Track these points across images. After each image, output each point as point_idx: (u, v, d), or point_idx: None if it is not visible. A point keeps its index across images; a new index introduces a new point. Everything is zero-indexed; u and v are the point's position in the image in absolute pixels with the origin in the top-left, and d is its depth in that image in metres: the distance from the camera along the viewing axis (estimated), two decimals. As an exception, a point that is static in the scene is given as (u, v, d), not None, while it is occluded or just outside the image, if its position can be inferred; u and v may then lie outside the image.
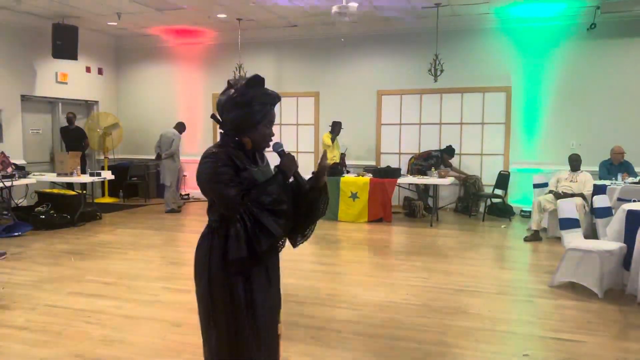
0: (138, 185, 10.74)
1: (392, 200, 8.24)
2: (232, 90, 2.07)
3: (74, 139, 9.58)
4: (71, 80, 10.13)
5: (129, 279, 5.10)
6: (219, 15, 8.98)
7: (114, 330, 3.77)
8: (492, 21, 8.84)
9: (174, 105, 11.00)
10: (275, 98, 2.11)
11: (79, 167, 8.29)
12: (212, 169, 1.98)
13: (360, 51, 9.75)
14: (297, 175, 2.13)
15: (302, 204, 2.17)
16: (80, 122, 10.17)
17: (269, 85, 2.15)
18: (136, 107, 11.29)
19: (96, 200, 10.25)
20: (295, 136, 10.21)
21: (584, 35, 8.40)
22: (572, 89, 8.63)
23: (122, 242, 6.80)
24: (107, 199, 10.53)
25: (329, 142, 8.77)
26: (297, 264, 5.82)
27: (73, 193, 8.25)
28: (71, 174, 8.09)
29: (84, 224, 7.93)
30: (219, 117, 2.12)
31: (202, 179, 2.01)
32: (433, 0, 7.93)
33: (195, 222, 8.51)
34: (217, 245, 2.03)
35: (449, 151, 8.86)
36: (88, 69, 10.56)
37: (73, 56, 9.24)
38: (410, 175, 8.72)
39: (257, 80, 2.09)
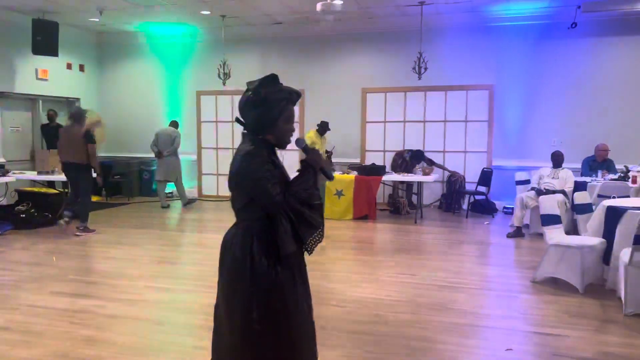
0: (121, 183, 10.62)
1: (377, 198, 8.28)
2: (249, 92, 2.13)
3: (55, 136, 9.44)
4: (52, 77, 9.97)
5: (112, 278, 5.05)
6: (203, 12, 8.91)
7: (97, 329, 3.73)
8: (475, 19, 8.90)
9: (157, 102, 10.90)
10: (291, 94, 2.13)
11: (60, 165, 8.17)
12: (255, 166, 2.01)
13: (345, 49, 9.75)
14: (324, 170, 2.17)
15: None
16: (61, 120, 10.02)
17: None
18: (119, 104, 11.16)
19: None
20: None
21: (566, 34, 8.51)
22: (554, 87, 8.75)
23: (105, 241, 6.72)
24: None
25: (314, 138, 8.71)
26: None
27: (54, 191, 8.14)
28: (52, 172, 7.97)
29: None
30: (242, 119, 2.18)
31: (245, 176, 2.03)
32: (417, -2, 7.97)
33: (178, 221, 8.46)
34: (258, 246, 2.05)
35: (416, 157, 8.86)
36: (69, 66, 10.40)
37: (53, 52, 9.10)
38: (394, 172, 8.77)
39: (271, 79, 2.14)
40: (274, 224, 2.03)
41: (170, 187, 9.93)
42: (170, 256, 6.12)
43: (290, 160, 7.83)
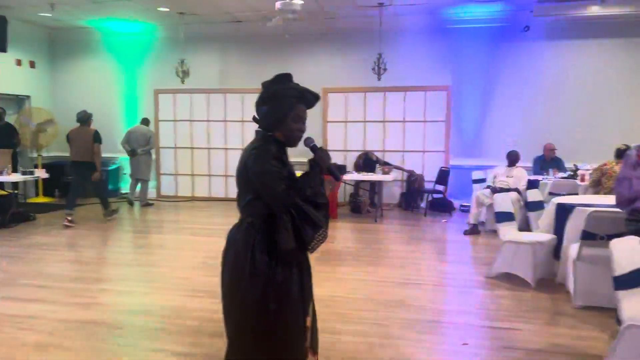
0: (75, 184, 10.28)
1: (337, 197, 8.33)
2: (262, 90, 2.17)
3: (3, 135, 9.04)
4: (0, 73, 9.57)
5: (65, 281, 4.89)
6: (161, 9, 8.75)
7: (49, 335, 3.62)
8: (433, 21, 9.09)
9: (113, 101, 10.63)
10: (304, 93, 2.13)
11: (9, 166, 7.88)
12: (261, 161, 2.02)
13: (306, 48, 9.77)
14: (332, 169, 2.15)
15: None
16: (10, 118, 9.62)
17: (212, 81, 2.15)
18: (73, 102, 10.80)
19: (30, 201, 9.77)
20: (241, 133, 10.10)
21: (519, 37, 8.79)
22: (509, 88, 9.03)
23: (58, 244, 6.51)
24: (42, 199, 10.04)
25: None
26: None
27: (4, 193, 7.82)
28: (1, 173, 7.66)
29: (16, 225, 7.52)
30: (257, 118, 2.19)
31: (251, 171, 2.05)
32: (376, 0, 8.06)
33: (135, 222, 8.27)
34: (260, 243, 2.06)
35: (368, 165, 9.00)
36: (18, 62, 10.01)
37: (2, 48, 8.73)
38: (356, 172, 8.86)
39: (284, 76, 2.17)
40: (270, 221, 2.06)
41: (123, 186, 9.73)
42: (127, 258, 5.99)
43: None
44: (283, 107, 2.10)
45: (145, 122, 9.53)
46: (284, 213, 2.02)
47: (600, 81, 8.70)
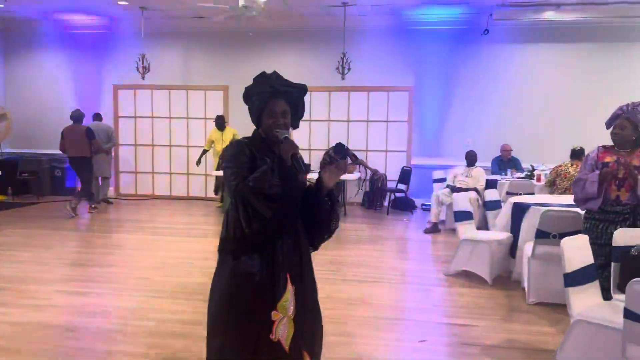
0: (29, 181, 9.94)
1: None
2: None
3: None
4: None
5: (18, 282, 4.72)
6: (120, 2, 8.53)
7: (0, 338, 3.49)
8: (396, 22, 9.19)
9: (71, 96, 10.30)
10: (275, 87, 2.14)
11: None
12: (228, 155, 2.11)
13: (270, 46, 9.72)
14: (295, 160, 2.04)
15: (311, 208, 2.17)
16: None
17: (174, 77, 2.12)
18: (27, 97, 10.44)
19: (-20, 198, 9.40)
20: (204, 131, 9.97)
21: (479, 40, 8.99)
22: (468, 89, 9.21)
23: (11, 243, 6.27)
24: (-6, 197, 9.67)
25: (214, 136, 8.75)
26: (206, 262, 5.71)
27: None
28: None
29: (-35, 224, 7.22)
30: None
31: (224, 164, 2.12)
32: (340, -1, 8.09)
33: (92, 221, 8.05)
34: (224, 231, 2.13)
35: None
36: (-31, 54, 9.60)
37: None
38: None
39: (259, 75, 2.20)
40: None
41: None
42: (83, 258, 5.82)
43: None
44: (256, 104, 2.15)
45: (98, 117, 9.26)
46: (237, 204, 2.03)
47: (555, 84, 8.99)
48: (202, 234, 7.02)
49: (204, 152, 8.82)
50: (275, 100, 2.14)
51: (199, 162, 8.74)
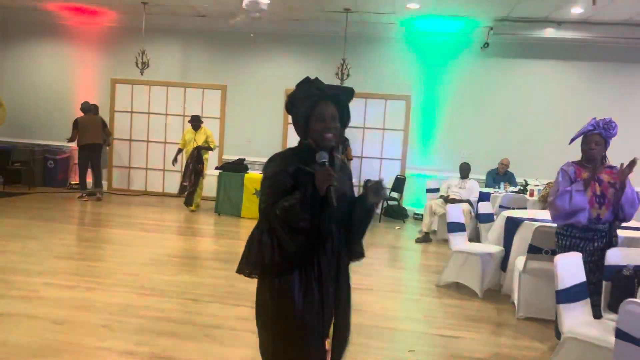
0: (21, 171, 9.86)
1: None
2: None
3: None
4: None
5: (5, 273, 4.67)
6: (123, -3, 8.51)
7: (-16, 329, 3.44)
8: (397, 31, 9.23)
9: (67, 87, 10.24)
10: (322, 90, 2.02)
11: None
12: (270, 171, 2.00)
13: (270, 48, 9.72)
14: (329, 193, 1.89)
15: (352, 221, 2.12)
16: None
17: (172, 74, 2.09)
18: (24, 86, 10.37)
19: (-30, 186, 9.32)
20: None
21: (478, 53, 9.05)
22: (466, 101, 9.27)
23: (1, 234, 6.20)
24: (-16, 185, 9.58)
25: (188, 135, 8.57)
26: (195, 260, 5.69)
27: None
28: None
29: (-47, 211, 7.14)
30: None
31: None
32: (343, 5, 8.12)
33: (84, 214, 8.00)
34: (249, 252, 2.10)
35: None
36: (-34, 40, 9.51)
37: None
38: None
39: (303, 81, 2.08)
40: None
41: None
42: (72, 251, 5.77)
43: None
44: (303, 109, 2.01)
45: (96, 109, 9.18)
46: (264, 229, 1.97)
47: (552, 101, 9.06)
48: (192, 233, 6.99)
49: (179, 151, 8.64)
50: (324, 104, 2.02)
51: (175, 161, 8.56)
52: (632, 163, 3.44)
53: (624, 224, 3.70)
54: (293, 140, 8.93)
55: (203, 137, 8.45)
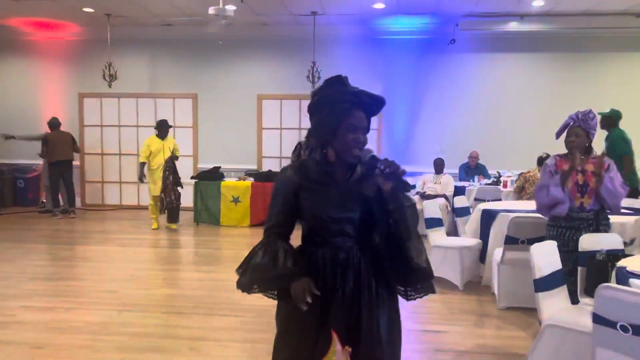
0: (-10, 192, 9.60)
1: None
2: (314, 98, 1.87)
3: None
4: None
5: (-21, 299, 4.54)
6: (86, 9, 8.37)
7: (-40, 358, 3.34)
8: (365, 32, 9.29)
9: (34, 103, 10.01)
10: (359, 96, 1.80)
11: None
12: (276, 188, 1.90)
13: (240, 54, 9.69)
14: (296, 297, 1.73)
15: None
16: None
17: (141, 85, 2.04)
18: (-13, 105, 10.10)
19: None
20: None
21: (446, 49, 9.17)
22: (436, 97, 9.38)
23: (-29, 258, 6.04)
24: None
25: (155, 145, 7.64)
26: (176, 273, 5.63)
27: None
28: None
29: None
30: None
31: None
32: (310, 8, 8.14)
33: (58, 233, 7.82)
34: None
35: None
36: None
37: None
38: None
39: (334, 80, 1.85)
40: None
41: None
42: (48, 272, 5.64)
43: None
44: (333, 116, 1.77)
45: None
46: (261, 248, 1.89)
47: (520, 93, 9.23)
48: (171, 245, 6.91)
49: (143, 165, 7.65)
50: (357, 113, 1.80)
51: (142, 177, 7.69)
52: (603, 153, 3.59)
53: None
54: (268, 146, 8.94)
55: (172, 145, 7.76)
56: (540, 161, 6.17)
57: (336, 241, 1.84)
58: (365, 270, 1.85)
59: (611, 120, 6.33)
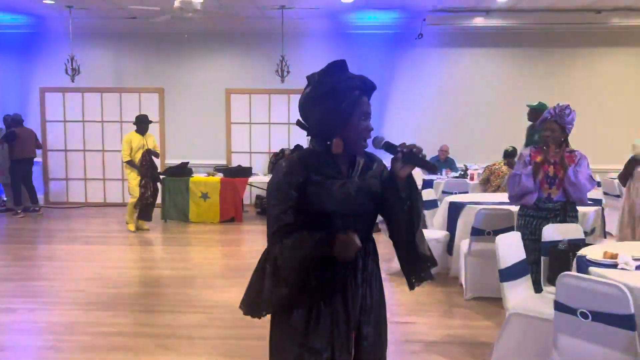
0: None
1: (244, 199, 8.24)
2: (310, 87, 1.72)
3: None
4: None
5: (-64, 301, 4.38)
6: (46, 1, 8.10)
7: None
8: (333, 26, 9.30)
9: (-8, 99, 9.67)
10: (365, 82, 1.72)
11: None
12: (274, 183, 1.67)
13: (208, 48, 9.56)
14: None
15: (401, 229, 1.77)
16: None
17: (106, 80, 1.97)
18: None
19: None
20: (139, 135, 9.66)
21: (413, 44, 9.25)
22: (404, 92, 9.46)
23: None
24: None
25: (135, 142, 7.19)
26: (144, 270, 5.54)
27: None
28: None
29: None
30: (304, 123, 1.75)
31: (267, 192, 1.73)
32: (278, 2, 8.09)
33: (20, 232, 7.59)
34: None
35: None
36: None
37: None
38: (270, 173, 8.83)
39: (337, 65, 1.73)
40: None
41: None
42: (10, 272, 5.47)
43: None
44: (345, 103, 1.66)
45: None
46: (268, 260, 1.69)
47: (487, 87, 9.40)
48: (138, 242, 6.79)
49: (131, 162, 7.20)
50: (365, 99, 1.73)
51: (150, 173, 7.25)
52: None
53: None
54: (238, 142, 8.86)
55: (152, 141, 7.39)
56: (507, 154, 6.29)
57: None
58: (371, 264, 1.86)
59: (538, 113, 6.59)
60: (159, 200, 8.22)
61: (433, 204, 5.92)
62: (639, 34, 9.06)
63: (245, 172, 8.34)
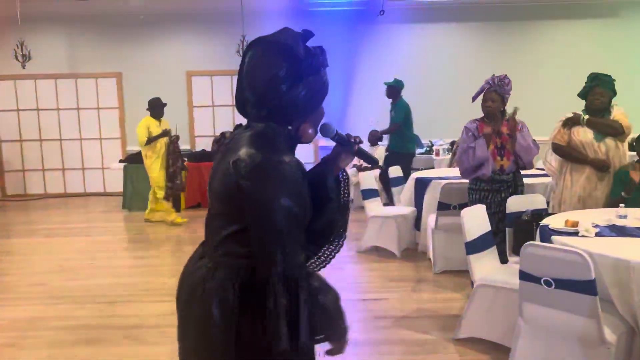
0: None
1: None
2: (286, 59, 1.42)
3: None
4: None
5: None
6: (-11, -17, 7.68)
7: None
8: (294, 4, 9.14)
9: (-63, 89, 9.17)
10: (325, 59, 1.49)
11: None
12: (274, 190, 1.26)
13: (166, 29, 9.26)
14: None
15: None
16: None
17: (59, 65, 1.84)
18: None
19: None
20: (97, 121, 9.35)
21: (375, 21, 9.19)
22: (368, 70, 9.42)
23: None
24: None
25: (152, 128, 6.64)
26: (109, 260, 5.39)
27: None
28: None
29: None
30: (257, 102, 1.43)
31: (255, 202, 1.26)
32: (236, -20, 7.88)
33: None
34: (246, 301, 1.32)
35: None
36: None
37: None
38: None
39: (305, 34, 1.49)
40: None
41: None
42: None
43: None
44: (326, 84, 1.43)
45: None
46: (274, 290, 1.24)
47: (451, 62, 9.43)
48: (101, 232, 6.60)
49: (150, 140, 6.57)
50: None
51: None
52: (514, 112, 3.72)
53: (525, 172, 3.98)
54: (201, 125, 8.65)
55: (168, 126, 6.86)
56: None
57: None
58: None
59: (394, 90, 6.82)
60: (118, 188, 8.06)
61: (400, 181, 5.95)
62: (596, 6, 9.23)
63: (210, 157, 8.19)
